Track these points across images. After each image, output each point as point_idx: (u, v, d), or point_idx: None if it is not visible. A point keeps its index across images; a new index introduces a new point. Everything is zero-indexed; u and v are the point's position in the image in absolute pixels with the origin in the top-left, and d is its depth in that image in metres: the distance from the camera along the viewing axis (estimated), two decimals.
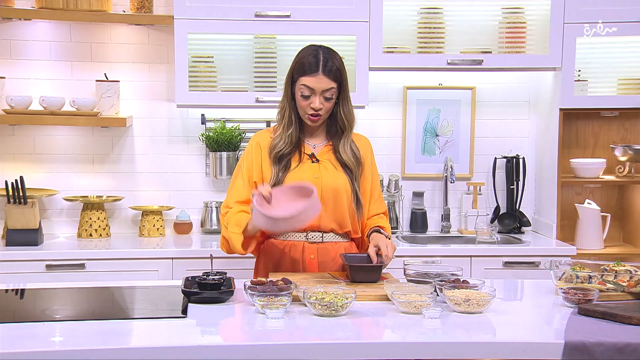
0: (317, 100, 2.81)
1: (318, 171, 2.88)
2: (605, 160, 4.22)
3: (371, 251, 2.75)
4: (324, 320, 2.25)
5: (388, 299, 2.42)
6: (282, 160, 2.88)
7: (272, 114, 3.18)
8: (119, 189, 4.20)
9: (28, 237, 3.74)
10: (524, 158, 4.35)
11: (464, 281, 2.51)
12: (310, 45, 2.90)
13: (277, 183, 2.84)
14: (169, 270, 3.67)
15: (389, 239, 2.85)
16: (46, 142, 4.15)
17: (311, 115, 2.84)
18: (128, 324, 2.25)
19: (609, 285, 2.54)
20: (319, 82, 2.80)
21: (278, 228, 2.73)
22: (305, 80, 2.81)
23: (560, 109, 4.05)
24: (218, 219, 4.16)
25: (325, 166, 2.90)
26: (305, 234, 2.89)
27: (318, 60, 2.81)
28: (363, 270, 2.70)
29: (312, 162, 2.90)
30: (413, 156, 4.36)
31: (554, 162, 4.09)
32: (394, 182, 4.27)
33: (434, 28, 4.10)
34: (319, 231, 2.89)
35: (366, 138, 3.06)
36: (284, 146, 2.88)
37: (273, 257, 2.91)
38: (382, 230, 2.89)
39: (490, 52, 4.09)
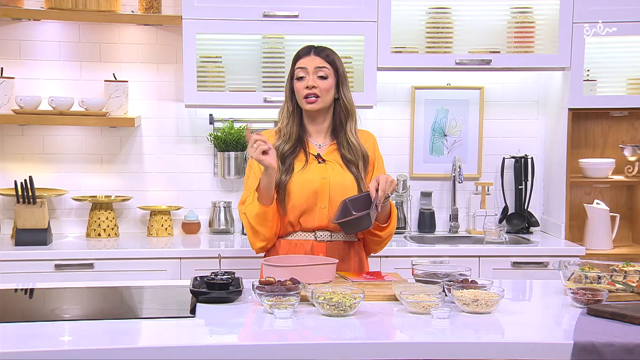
0: (310, 78, 2.86)
1: (325, 171, 2.88)
2: (614, 160, 4.20)
3: (371, 185, 2.73)
4: (332, 320, 2.24)
5: (396, 299, 2.42)
6: (285, 161, 2.87)
7: None
8: (127, 188, 4.21)
9: (37, 237, 3.75)
10: (532, 158, 4.34)
11: (472, 281, 2.51)
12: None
13: (280, 185, 2.84)
14: (177, 270, 3.68)
15: (391, 211, 2.87)
16: (55, 142, 4.17)
17: (306, 96, 2.86)
18: (137, 324, 2.26)
19: (618, 286, 2.53)
20: (312, 60, 2.89)
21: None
22: (299, 63, 2.91)
23: (569, 109, 4.03)
24: (226, 219, 4.16)
25: (332, 166, 2.90)
26: (313, 233, 2.89)
27: (311, 47, 2.95)
28: (351, 223, 2.72)
29: (319, 162, 2.90)
30: (421, 156, 4.36)
31: (563, 162, 4.08)
32: (402, 182, 4.27)
33: (442, 28, 4.09)
34: (327, 230, 2.90)
35: (370, 133, 3.06)
36: (284, 141, 2.89)
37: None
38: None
39: (499, 52, 4.08)
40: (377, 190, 2.69)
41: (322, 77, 2.87)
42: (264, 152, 2.68)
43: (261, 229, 2.82)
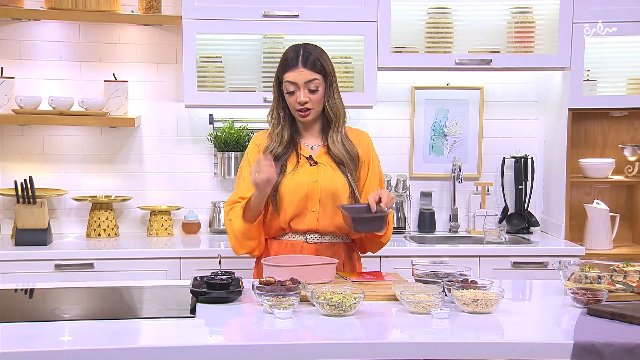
0: (301, 94, 2.81)
1: (317, 174, 2.85)
2: (614, 160, 4.20)
3: (371, 198, 2.69)
4: (332, 320, 2.24)
5: (396, 299, 2.42)
6: (277, 162, 2.84)
7: None
8: (127, 188, 4.21)
9: (37, 237, 3.75)
10: (532, 158, 4.34)
11: (472, 281, 2.51)
12: (294, 44, 2.92)
13: (272, 186, 2.82)
14: (177, 270, 3.68)
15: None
16: (55, 142, 4.17)
17: (299, 110, 2.84)
18: (137, 324, 2.26)
19: (618, 286, 2.53)
20: (301, 74, 2.81)
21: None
22: (288, 76, 2.83)
23: (569, 109, 4.03)
24: None
25: (324, 169, 2.87)
26: (304, 234, 2.88)
27: (298, 55, 2.84)
28: (367, 221, 2.66)
29: (310, 164, 2.88)
30: (421, 156, 4.36)
31: (563, 162, 4.08)
32: (402, 182, 4.27)
33: (442, 28, 4.09)
34: (317, 233, 2.88)
35: (365, 133, 3.01)
36: (275, 146, 2.87)
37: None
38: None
39: (499, 52, 4.08)
40: (377, 203, 2.68)
41: (313, 91, 2.82)
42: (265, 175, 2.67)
43: (246, 242, 2.83)
